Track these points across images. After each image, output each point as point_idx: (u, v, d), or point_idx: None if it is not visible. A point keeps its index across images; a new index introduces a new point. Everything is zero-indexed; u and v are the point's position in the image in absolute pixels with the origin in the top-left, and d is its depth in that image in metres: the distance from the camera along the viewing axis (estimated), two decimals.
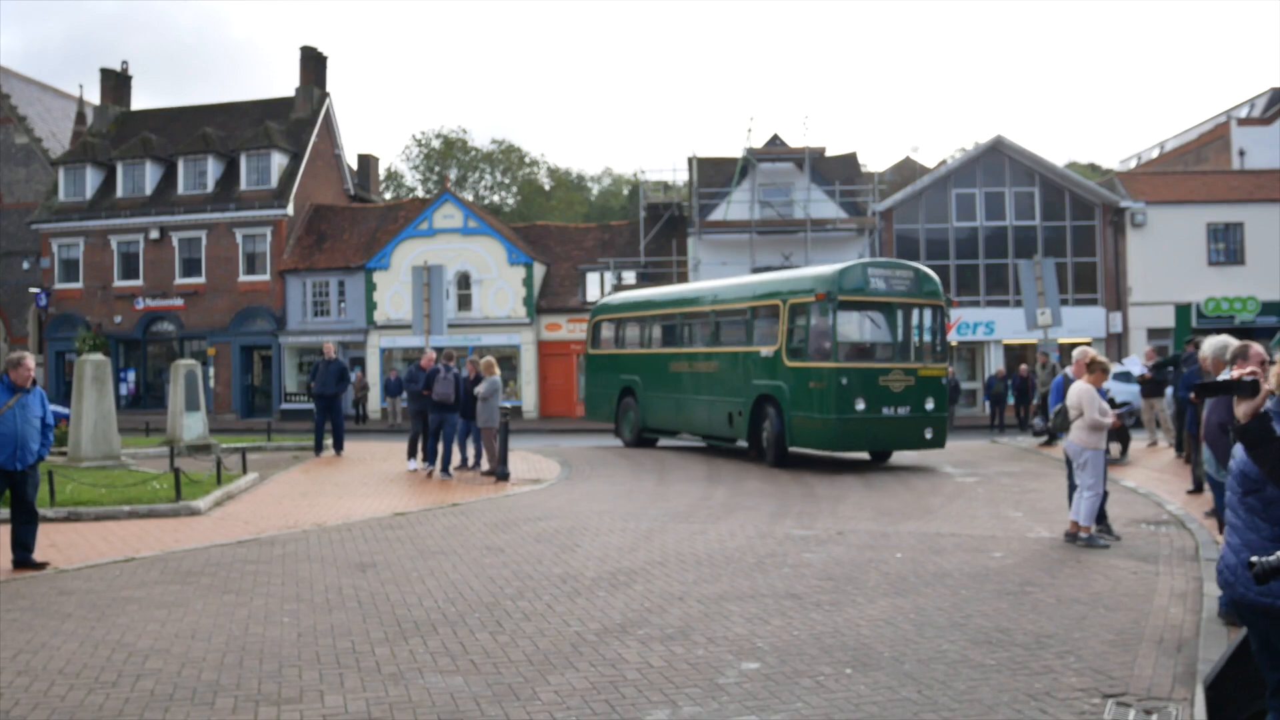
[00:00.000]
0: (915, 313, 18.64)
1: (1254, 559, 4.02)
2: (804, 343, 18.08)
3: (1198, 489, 13.74)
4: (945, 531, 11.86)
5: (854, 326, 18.66)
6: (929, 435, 18.34)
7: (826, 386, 17.44)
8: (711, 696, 6.14)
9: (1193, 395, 15.34)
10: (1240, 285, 36.92)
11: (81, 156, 44.34)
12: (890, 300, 18.20)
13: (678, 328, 22.51)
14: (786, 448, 18.54)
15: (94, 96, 48.91)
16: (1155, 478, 16.16)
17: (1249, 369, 7.53)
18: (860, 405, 17.43)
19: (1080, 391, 10.92)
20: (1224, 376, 7.86)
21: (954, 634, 7.49)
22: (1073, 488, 11.27)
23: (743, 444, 20.04)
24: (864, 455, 19.96)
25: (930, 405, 18.23)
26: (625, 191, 73.10)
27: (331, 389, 21.20)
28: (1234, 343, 9.03)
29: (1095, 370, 11.08)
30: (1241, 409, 3.92)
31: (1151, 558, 10.23)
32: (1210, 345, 9.71)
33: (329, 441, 21.73)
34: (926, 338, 18.89)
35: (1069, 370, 12.02)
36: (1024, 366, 30.07)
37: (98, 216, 43.20)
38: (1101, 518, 11.21)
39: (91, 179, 43.97)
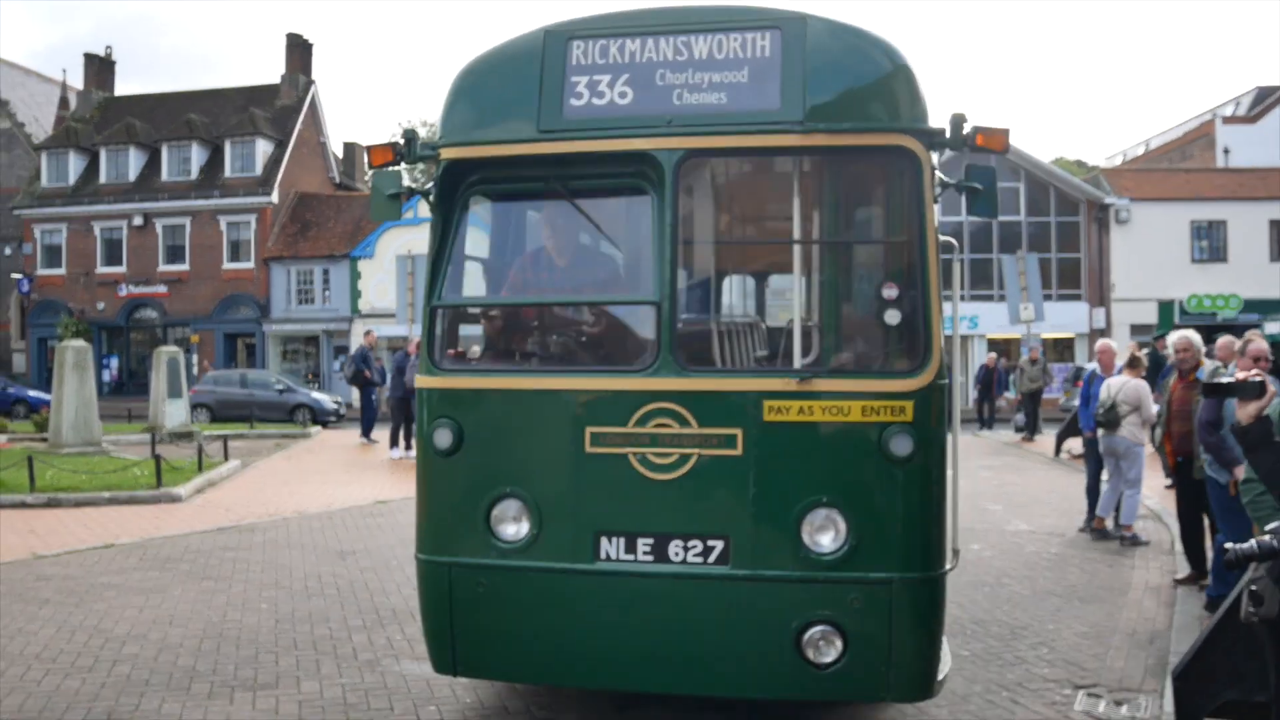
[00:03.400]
0: (801, 184, 5.26)
1: (1228, 545, 4.07)
2: None
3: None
4: None
5: (505, 259, 5.85)
6: (835, 664, 4.78)
7: (424, 452, 5.32)
8: None
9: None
10: (1223, 282, 37.13)
11: (65, 142, 44.02)
12: (665, 141, 4.95)
13: None
14: None
15: (77, 81, 48.56)
16: None
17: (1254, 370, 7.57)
18: (510, 530, 5.06)
19: (1137, 387, 10.76)
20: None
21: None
22: (1093, 484, 11.35)
23: None
24: None
25: (851, 543, 4.78)
26: None
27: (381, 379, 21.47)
28: (1194, 337, 9.09)
29: (1137, 365, 11.06)
30: (1245, 410, 3.88)
31: (1127, 551, 10.31)
32: (1176, 337, 9.66)
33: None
34: (853, 282, 5.68)
35: (1094, 365, 11.92)
36: (991, 356, 29.31)
37: (81, 202, 42.89)
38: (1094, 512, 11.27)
39: (75, 164, 43.65)
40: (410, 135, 5.32)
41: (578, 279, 5.56)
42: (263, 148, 42.32)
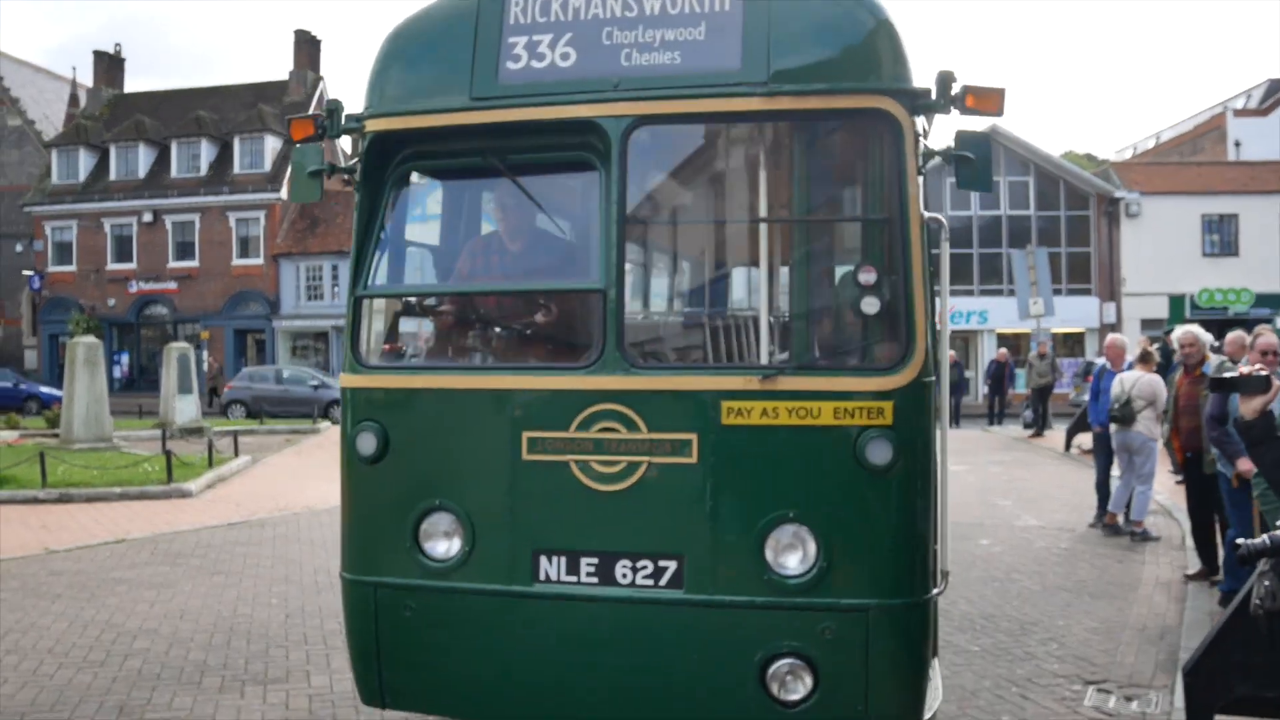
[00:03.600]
0: (766, 155, 4.63)
1: (1240, 540, 4.03)
2: None
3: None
4: None
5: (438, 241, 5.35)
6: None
7: (346, 459, 4.70)
8: None
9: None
10: (1234, 277, 36.97)
11: (74, 139, 44.15)
12: (612, 107, 4.31)
13: None
14: None
15: (87, 79, 48.70)
16: None
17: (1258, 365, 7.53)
18: (440, 547, 4.48)
19: (1152, 381, 10.69)
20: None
21: (939, 619, 7.54)
22: (1103, 479, 11.32)
23: None
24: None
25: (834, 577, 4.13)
26: None
27: None
28: (1199, 332, 9.06)
29: (1149, 360, 10.99)
30: (1250, 405, 3.86)
31: (1137, 546, 10.29)
32: (1181, 332, 9.64)
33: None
34: (825, 266, 4.86)
35: (1104, 361, 11.83)
36: (1002, 351, 29.26)
37: (91, 199, 43.03)
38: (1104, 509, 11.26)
39: (85, 161, 43.79)
40: (334, 106, 4.71)
41: (516, 265, 4.83)
42: (271, 144, 42.38)
